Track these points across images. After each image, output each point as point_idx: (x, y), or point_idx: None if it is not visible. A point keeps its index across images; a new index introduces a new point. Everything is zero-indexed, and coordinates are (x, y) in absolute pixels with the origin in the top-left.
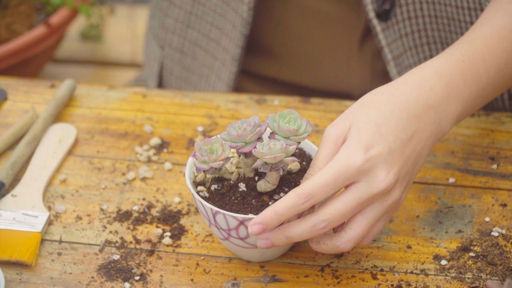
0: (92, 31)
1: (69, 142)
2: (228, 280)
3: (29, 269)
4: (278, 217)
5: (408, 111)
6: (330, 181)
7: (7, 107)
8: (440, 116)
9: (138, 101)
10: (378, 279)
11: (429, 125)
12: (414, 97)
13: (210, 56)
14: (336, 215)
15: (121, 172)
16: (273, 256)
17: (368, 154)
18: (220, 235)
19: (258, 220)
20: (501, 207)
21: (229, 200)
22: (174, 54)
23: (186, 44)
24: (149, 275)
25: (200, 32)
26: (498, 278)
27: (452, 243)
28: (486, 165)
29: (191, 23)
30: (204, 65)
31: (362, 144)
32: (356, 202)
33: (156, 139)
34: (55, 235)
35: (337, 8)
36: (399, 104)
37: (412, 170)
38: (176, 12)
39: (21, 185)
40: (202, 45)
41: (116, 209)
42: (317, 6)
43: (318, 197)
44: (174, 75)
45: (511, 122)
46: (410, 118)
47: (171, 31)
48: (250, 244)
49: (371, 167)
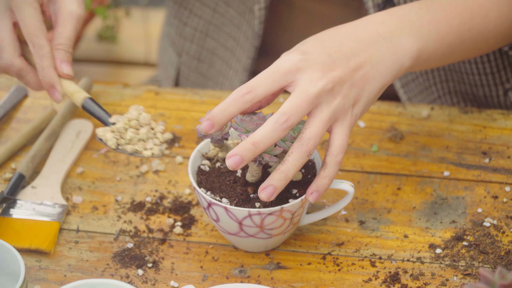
0: (108, 32)
1: (86, 137)
2: (235, 267)
3: (48, 256)
4: (222, 111)
5: (356, 35)
6: (269, 73)
7: (27, 104)
8: (393, 45)
9: (151, 98)
10: (376, 266)
11: (381, 51)
12: (363, 26)
13: (226, 64)
14: (292, 107)
15: (135, 165)
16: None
17: (305, 56)
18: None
19: (206, 117)
20: (493, 199)
21: (223, 181)
22: (191, 61)
23: (204, 52)
24: (161, 263)
25: (218, 42)
26: (489, 266)
27: (447, 232)
28: (479, 160)
29: (209, 32)
30: (220, 73)
31: (301, 50)
32: (304, 94)
33: (168, 134)
34: (72, 225)
35: (341, 12)
36: (347, 30)
37: (361, 85)
38: (196, 21)
39: (40, 177)
40: (219, 54)
41: (130, 200)
42: (322, 11)
43: (258, 89)
44: (190, 80)
45: (502, 119)
46: (357, 40)
47: (189, 39)
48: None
49: (308, 65)
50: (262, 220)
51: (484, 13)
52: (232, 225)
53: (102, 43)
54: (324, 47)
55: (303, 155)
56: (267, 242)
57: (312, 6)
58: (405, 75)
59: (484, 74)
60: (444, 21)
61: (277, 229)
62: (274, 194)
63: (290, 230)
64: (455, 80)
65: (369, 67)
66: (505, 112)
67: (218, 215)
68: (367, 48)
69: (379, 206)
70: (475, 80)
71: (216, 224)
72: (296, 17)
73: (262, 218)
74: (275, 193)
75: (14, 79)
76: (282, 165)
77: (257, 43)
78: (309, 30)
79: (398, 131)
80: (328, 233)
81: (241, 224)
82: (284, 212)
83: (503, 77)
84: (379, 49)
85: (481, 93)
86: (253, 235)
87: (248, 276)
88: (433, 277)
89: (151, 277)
